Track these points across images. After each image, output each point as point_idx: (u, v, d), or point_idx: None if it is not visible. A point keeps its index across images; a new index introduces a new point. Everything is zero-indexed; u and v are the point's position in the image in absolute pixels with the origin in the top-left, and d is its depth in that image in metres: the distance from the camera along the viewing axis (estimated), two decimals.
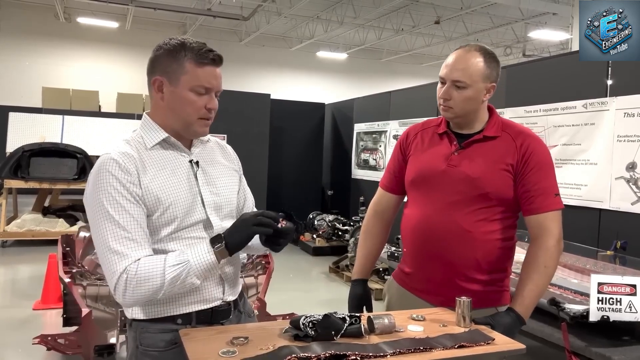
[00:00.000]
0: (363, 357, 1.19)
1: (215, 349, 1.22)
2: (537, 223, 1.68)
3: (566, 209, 4.38)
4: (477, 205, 1.67)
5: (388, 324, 1.36)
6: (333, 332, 1.28)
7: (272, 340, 1.28)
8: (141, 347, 1.42)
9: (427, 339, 1.30)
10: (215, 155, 1.59)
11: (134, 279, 1.29)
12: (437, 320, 1.50)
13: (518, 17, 13.23)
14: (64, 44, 15.31)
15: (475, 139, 1.72)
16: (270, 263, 3.66)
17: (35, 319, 4.21)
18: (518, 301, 1.63)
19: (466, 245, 1.67)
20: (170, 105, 1.43)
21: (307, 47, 17.07)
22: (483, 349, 1.28)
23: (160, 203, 1.39)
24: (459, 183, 1.69)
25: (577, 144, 4.19)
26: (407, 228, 1.82)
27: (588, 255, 3.35)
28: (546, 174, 1.68)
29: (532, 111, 4.63)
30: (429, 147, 1.80)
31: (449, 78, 1.68)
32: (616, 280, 2.25)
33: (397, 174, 1.91)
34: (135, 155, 1.40)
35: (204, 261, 1.35)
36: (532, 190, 1.66)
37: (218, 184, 1.54)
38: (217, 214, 1.51)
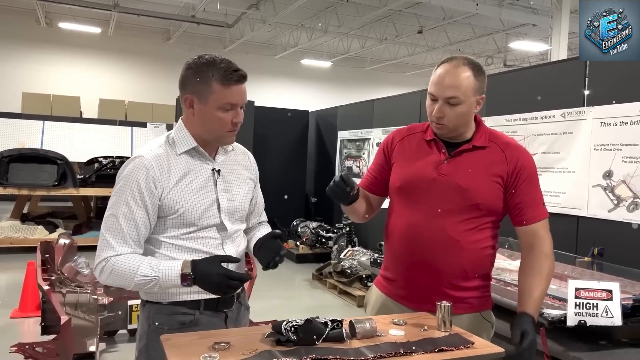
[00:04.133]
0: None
1: (196, 353, 1.22)
2: (532, 232, 1.73)
3: None
4: (466, 214, 1.69)
5: (369, 328, 1.38)
6: (315, 337, 1.29)
7: (253, 345, 1.29)
8: (154, 325, 1.57)
9: (408, 343, 1.32)
10: (236, 163, 1.75)
11: (109, 270, 1.50)
12: (418, 324, 1.52)
13: (499, 27, 13.45)
14: (45, 49, 15.14)
15: (465, 148, 1.74)
16: (253, 270, 3.66)
17: (13, 328, 4.14)
18: (530, 304, 1.67)
19: (454, 254, 1.69)
20: (201, 121, 1.58)
21: (291, 55, 17.12)
22: (463, 352, 1.30)
23: (177, 208, 1.56)
24: (450, 192, 1.70)
25: (556, 152, 4.26)
26: (393, 234, 1.82)
27: (566, 262, 3.41)
28: (535, 184, 1.74)
29: (512, 120, 4.71)
30: (417, 154, 1.80)
31: (442, 96, 1.67)
32: (593, 285, 2.30)
33: (379, 176, 1.91)
34: (165, 159, 1.57)
35: (171, 284, 1.50)
36: (524, 202, 1.71)
37: (235, 191, 1.69)
38: (230, 218, 1.67)
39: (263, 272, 1.74)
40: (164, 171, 1.56)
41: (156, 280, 1.48)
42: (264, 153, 8.36)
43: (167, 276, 1.48)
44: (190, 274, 1.47)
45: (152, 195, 1.53)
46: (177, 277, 1.48)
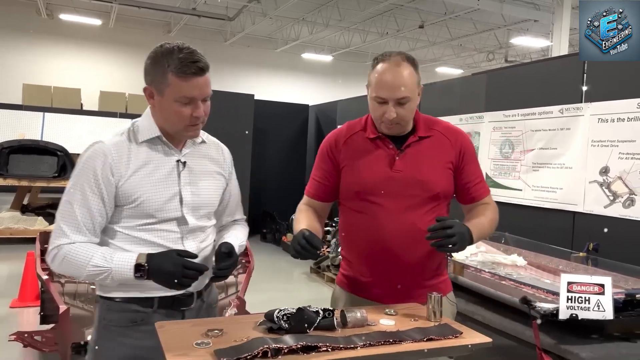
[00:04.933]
0: (334, 348, 1.22)
1: (190, 340, 1.25)
2: (479, 204, 1.84)
3: (542, 211, 4.50)
4: (429, 205, 1.74)
5: (360, 317, 1.40)
6: (306, 325, 1.32)
7: (246, 332, 1.31)
8: (104, 321, 1.53)
9: (398, 332, 1.34)
10: (206, 156, 1.67)
11: (61, 258, 1.46)
12: (409, 315, 1.54)
13: (500, 23, 13.42)
14: (46, 41, 15.14)
15: (412, 140, 1.76)
16: (251, 262, 3.69)
17: (12, 317, 4.18)
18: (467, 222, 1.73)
19: (425, 245, 1.70)
20: (161, 113, 1.53)
21: (292, 49, 17.10)
22: (451, 342, 1.33)
23: (134, 197, 1.50)
24: (410, 187, 1.72)
25: (554, 148, 4.28)
26: (356, 238, 1.80)
27: (561, 257, 3.43)
28: (476, 163, 1.85)
29: (510, 115, 4.72)
30: (365, 154, 1.78)
31: (394, 98, 1.66)
32: (585, 279, 2.32)
33: (328, 182, 1.85)
34: (125, 146, 1.51)
35: (123, 276, 1.45)
36: (472, 180, 1.80)
37: (201, 185, 1.61)
38: (194, 214, 1.59)
39: (262, 265, 1.74)
40: (122, 158, 1.50)
41: (108, 272, 1.44)
42: (263, 146, 8.38)
43: (120, 268, 1.43)
44: (145, 265, 1.43)
45: (109, 182, 1.48)
46: (131, 268, 1.43)
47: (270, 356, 1.16)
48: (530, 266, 3.30)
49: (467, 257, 3.34)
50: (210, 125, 6.31)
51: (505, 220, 4.60)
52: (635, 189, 3.56)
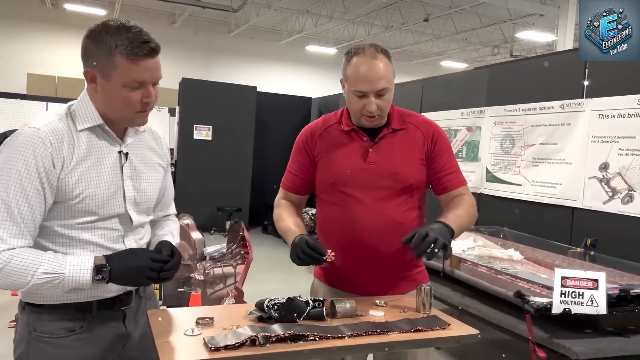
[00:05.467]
0: (322, 337, 1.24)
1: (180, 328, 1.27)
2: (454, 194, 1.81)
3: (541, 207, 4.51)
4: (403, 196, 1.76)
5: (349, 308, 1.42)
6: (295, 315, 1.34)
7: (236, 321, 1.33)
8: (35, 332, 1.35)
9: (386, 323, 1.36)
10: (147, 146, 1.54)
11: (1, 268, 1.23)
12: (398, 306, 1.56)
13: (506, 17, 13.34)
14: (51, 31, 15.13)
15: (385, 133, 1.78)
16: (250, 253, 3.71)
17: (14, 304, 4.20)
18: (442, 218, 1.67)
19: (401, 236, 1.69)
20: (105, 99, 1.35)
21: (296, 41, 17.05)
22: (438, 333, 1.35)
23: (77, 193, 1.33)
24: (383, 179, 1.74)
25: (554, 143, 4.28)
26: (332, 231, 1.81)
27: (559, 252, 3.44)
28: (451, 155, 1.84)
29: (511, 110, 4.72)
30: (339, 147, 1.80)
31: (374, 90, 1.67)
32: (579, 274, 2.33)
33: (304, 175, 1.87)
34: (66, 135, 1.32)
35: (78, 281, 1.28)
36: (443, 170, 1.79)
37: (142, 179, 1.48)
38: (136, 209, 1.46)
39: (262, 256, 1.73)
40: (63, 148, 1.30)
41: (61, 278, 1.25)
42: (265, 139, 8.39)
43: (75, 272, 1.26)
44: (106, 265, 1.29)
45: (50, 174, 1.28)
46: (88, 271, 1.27)
47: (258, 344, 1.18)
48: (527, 261, 3.31)
49: (463, 251, 3.35)
50: (212, 116, 6.42)
51: (504, 215, 4.68)
52: (635, 185, 3.56)
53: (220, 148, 8.00)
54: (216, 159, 7.96)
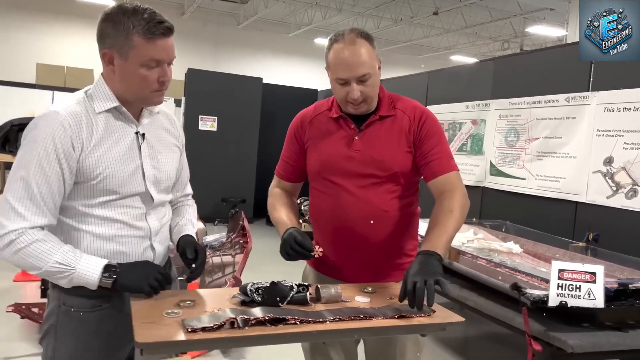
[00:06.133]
0: (302, 321, 1.23)
1: (160, 309, 1.26)
2: (441, 183, 1.70)
3: (544, 201, 4.46)
4: (388, 184, 1.72)
5: (334, 293, 1.40)
6: (279, 299, 1.32)
7: (218, 304, 1.32)
8: (64, 306, 1.41)
9: (370, 309, 1.35)
10: (162, 127, 1.59)
11: (19, 249, 1.30)
12: (386, 294, 1.54)
13: (516, 11, 13.20)
14: (60, 21, 15.18)
15: (372, 120, 1.74)
16: (249, 242, 3.71)
17: (15, 290, 4.25)
18: (424, 245, 1.54)
19: (387, 225, 1.71)
20: (123, 79, 1.41)
21: (304, 34, 16.99)
22: (422, 319, 1.33)
23: (97, 173, 1.39)
24: (367, 166, 1.71)
25: (559, 137, 4.23)
26: (322, 219, 1.80)
27: (560, 246, 3.40)
28: (441, 140, 1.75)
29: (516, 103, 4.66)
30: (327, 134, 1.78)
31: (355, 77, 1.63)
32: (577, 267, 2.30)
33: (295, 163, 1.87)
34: (84, 118, 1.38)
35: (86, 279, 1.34)
36: (429, 154, 1.71)
37: (160, 158, 1.54)
38: (156, 188, 1.53)
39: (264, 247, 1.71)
40: (82, 130, 1.37)
41: (71, 272, 1.32)
42: (270, 131, 8.37)
43: (86, 269, 1.33)
44: (116, 265, 1.36)
45: (70, 157, 1.34)
46: (98, 270, 1.33)
47: (237, 327, 1.17)
48: (527, 254, 3.27)
49: (463, 243, 3.32)
50: (218, 108, 6.42)
51: (508, 209, 4.65)
52: (639, 179, 3.51)
53: (225, 139, 7.99)
54: (221, 149, 7.95)
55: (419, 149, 1.73)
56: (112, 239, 1.44)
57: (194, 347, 1.15)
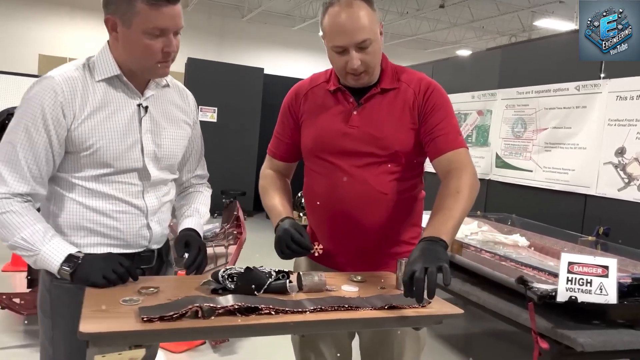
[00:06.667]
0: (278, 311, 1.07)
1: (117, 297, 1.11)
2: (447, 162, 1.51)
3: (551, 194, 4.30)
4: (388, 164, 1.55)
5: (317, 281, 1.25)
6: (254, 287, 1.17)
7: (185, 292, 1.17)
8: (56, 281, 1.34)
9: (357, 299, 1.19)
10: (170, 102, 1.50)
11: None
12: (377, 283, 1.38)
13: (524, 4, 12.98)
14: (62, 12, 15.09)
15: (373, 93, 1.57)
16: (243, 233, 3.56)
17: (3, 280, 4.14)
18: (427, 230, 1.35)
19: (386, 209, 1.55)
20: (126, 47, 1.33)
21: (309, 27, 16.81)
22: (416, 311, 1.17)
23: (89, 143, 1.32)
24: (365, 144, 1.54)
25: (568, 127, 4.07)
26: (313, 200, 1.64)
27: (568, 240, 3.24)
28: (448, 114, 1.56)
29: (524, 92, 4.50)
30: (323, 109, 1.60)
31: (353, 43, 1.45)
32: (588, 260, 2.14)
33: (289, 140, 1.70)
34: (80, 85, 1.32)
35: (48, 264, 1.28)
36: (435, 129, 1.53)
37: (164, 134, 1.46)
38: (156, 165, 1.45)
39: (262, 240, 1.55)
40: (76, 98, 1.31)
41: (35, 252, 1.27)
42: (272, 122, 8.17)
43: (49, 255, 1.27)
44: (79, 258, 1.27)
45: (59, 124, 1.29)
46: (60, 258, 1.26)
47: (201, 316, 1.02)
48: (533, 247, 3.12)
49: (466, 235, 3.18)
50: (218, 98, 6.25)
51: (514, 202, 4.48)
52: None
53: (225, 130, 7.85)
54: (221, 141, 7.82)
55: (424, 124, 1.54)
56: (107, 213, 1.37)
57: (149, 339, 1.00)
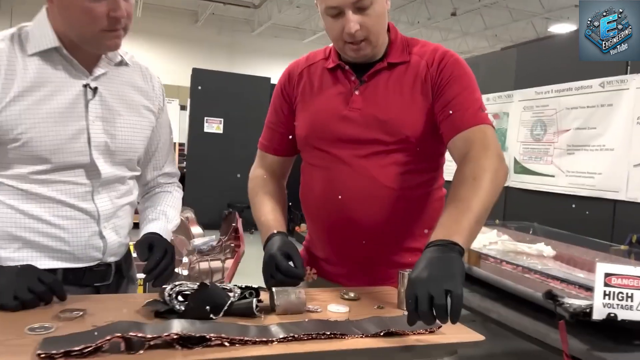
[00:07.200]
0: (234, 341, 0.80)
1: (25, 323, 0.84)
2: (463, 142, 1.20)
3: (577, 200, 3.98)
4: (397, 154, 1.27)
5: (294, 300, 0.98)
6: (209, 308, 0.90)
7: (118, 315, 0.90)
8: None
9: (343, 323, 0.91)
10: (128, 84, 1.25)
11: None
12: (374, 301, 1.10)
13: (538, 11, 12.71)
14: None
15: (379, 68, 1.30)
16: (241, 246, 3.30)
17: None
18: (436, 231, 1.04)
19: (395, 208, 1.27)
20: (62, 11, 1.09)
21: (320, 40, 16.68)
22: (421, 338, 0.89)
23: (17, 132, 1.07)
24: (369, 130, 1.26)
25: (592, 127, 3.78)
26: (310, 200, 1.38)
27: (598, 249, 2.94)
28: (466, 84, 1.26)
29: (543, 92, 4.23)
30: (321, 90, 1.34)
31: (349, 1, 1.18)
32: (628, 271, 1.84)
33: (282, 128, 1.43)
34: (5, 59, 1.07)
35: None
36: (451, 104, 1.23)
37: (118, 122, 1.19)
38: (108, 160, 1.18)
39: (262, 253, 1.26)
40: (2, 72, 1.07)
41: None
42: None
43: None
44: None
45: None
46: None
47: (125, 349, 0.75)
48: (560, 258, 2.81)
49: (484, 245, 2.88)
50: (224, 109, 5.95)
51: (534, 210, 4.17)
52: None
53: (231, 142, 7.68)
54: (227, 153, 7.65)
55: (439, 99, 1.25)
56: (47, 220, 1.12)
57: None
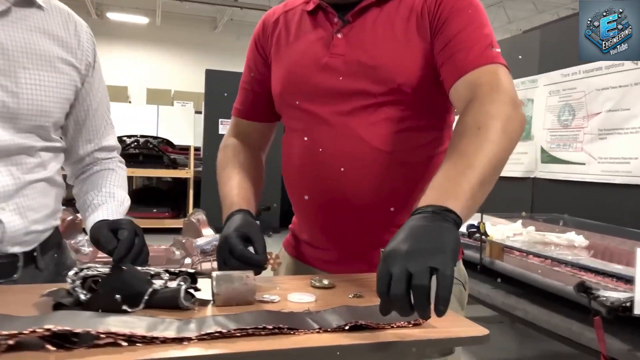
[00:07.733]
0: (135, 340, 0.59)
1: None
2: (466, 86, 0.94)
3: (610, 188, 3.66)
4: (388, 108, 1.01)
5: (240, 288, 0.76)
6: (119, 297, 0.69)
7: (15, 309, 0.70)
8: None
9: (298, 315, 0.69)
10: (40, 31, 1.03)
11: None
12: (351, 288, 0.87)
13: (564, 1, 12.30)
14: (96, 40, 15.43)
15: (365, 4, 1.05)
16: None
17: None
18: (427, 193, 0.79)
19: (388, 175, 1.02)
20: None
21: None
22: (398, 333, 0.66)
23: None
24: (353, 79, 1.02)
25: (626, 109, 3.49)
26: (290, 171, 1.16)
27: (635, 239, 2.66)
28: (471, 18, 0.99)
29: (569, 74, 3.94)
30: (298, 36, 1.12)
31: None
32: None
33: (258, 87, 1.20)
34: None
35: None
36: (452, 43, 0.97)
37: (22, 76, 0.98)
38: (9, 125, 0.97)
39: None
40: None
41: None
42: (280, 131, 7.90)
43: None
44: None
45: None
46: None
47: None
48: (594, 249, 2.54)
49: (508, 237, 2.63)
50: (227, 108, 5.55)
51: (564, 201, 3.87)
52: None
53: None
54: None
55: (438, 38, 1.00)
56: None
57: None
